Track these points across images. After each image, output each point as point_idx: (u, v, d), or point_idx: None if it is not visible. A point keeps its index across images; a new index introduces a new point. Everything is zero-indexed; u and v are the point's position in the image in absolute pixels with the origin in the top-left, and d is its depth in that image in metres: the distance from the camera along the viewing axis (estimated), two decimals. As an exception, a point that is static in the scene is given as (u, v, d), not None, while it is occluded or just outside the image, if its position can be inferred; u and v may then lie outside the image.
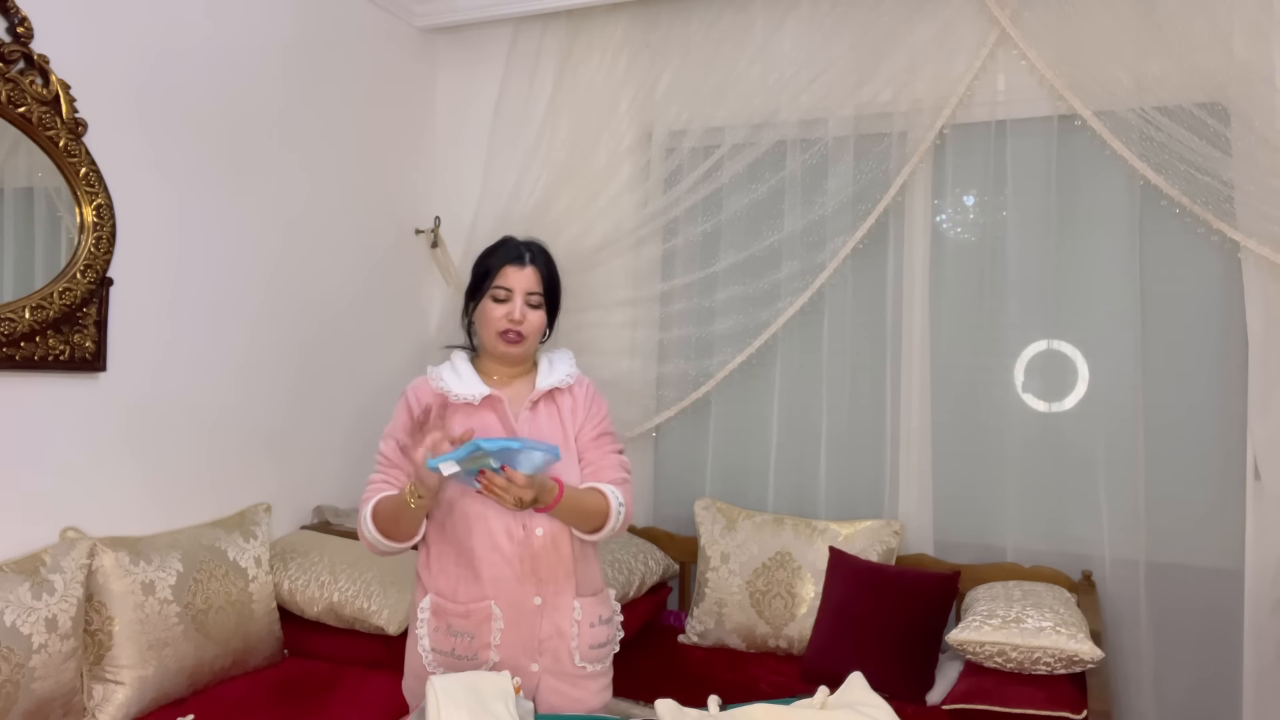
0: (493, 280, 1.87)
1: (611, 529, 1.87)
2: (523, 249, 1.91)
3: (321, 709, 2.37)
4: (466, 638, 1.84)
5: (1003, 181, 3.02)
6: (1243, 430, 2.75)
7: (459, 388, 1.88)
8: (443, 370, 1.94)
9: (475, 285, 1.92)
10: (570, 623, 1.88)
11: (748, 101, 3.22)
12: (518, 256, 1.88)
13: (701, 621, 3.02)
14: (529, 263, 1.89)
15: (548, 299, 1.92)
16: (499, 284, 1.87)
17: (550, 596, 1.86)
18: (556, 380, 1.93)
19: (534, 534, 1.85)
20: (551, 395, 1.94)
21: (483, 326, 1.91)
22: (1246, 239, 2.65)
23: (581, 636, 1.90)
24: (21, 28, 2.26)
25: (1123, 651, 2.84)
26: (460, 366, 1.93)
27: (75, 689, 2.17)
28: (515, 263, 1.88)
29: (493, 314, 1.87)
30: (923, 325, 3.09)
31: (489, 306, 1.88)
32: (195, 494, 2.73)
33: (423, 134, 3.75)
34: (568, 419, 1.94)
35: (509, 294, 1.87)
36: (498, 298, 1.87)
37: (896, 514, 3.12)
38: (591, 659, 1.91)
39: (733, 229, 3.30)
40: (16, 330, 2.23)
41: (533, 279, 1.88)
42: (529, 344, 1.91)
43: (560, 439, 1.91)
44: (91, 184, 2.41)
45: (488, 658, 1.84)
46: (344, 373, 3.33)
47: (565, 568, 1.88)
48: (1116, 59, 2.79)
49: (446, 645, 1.86)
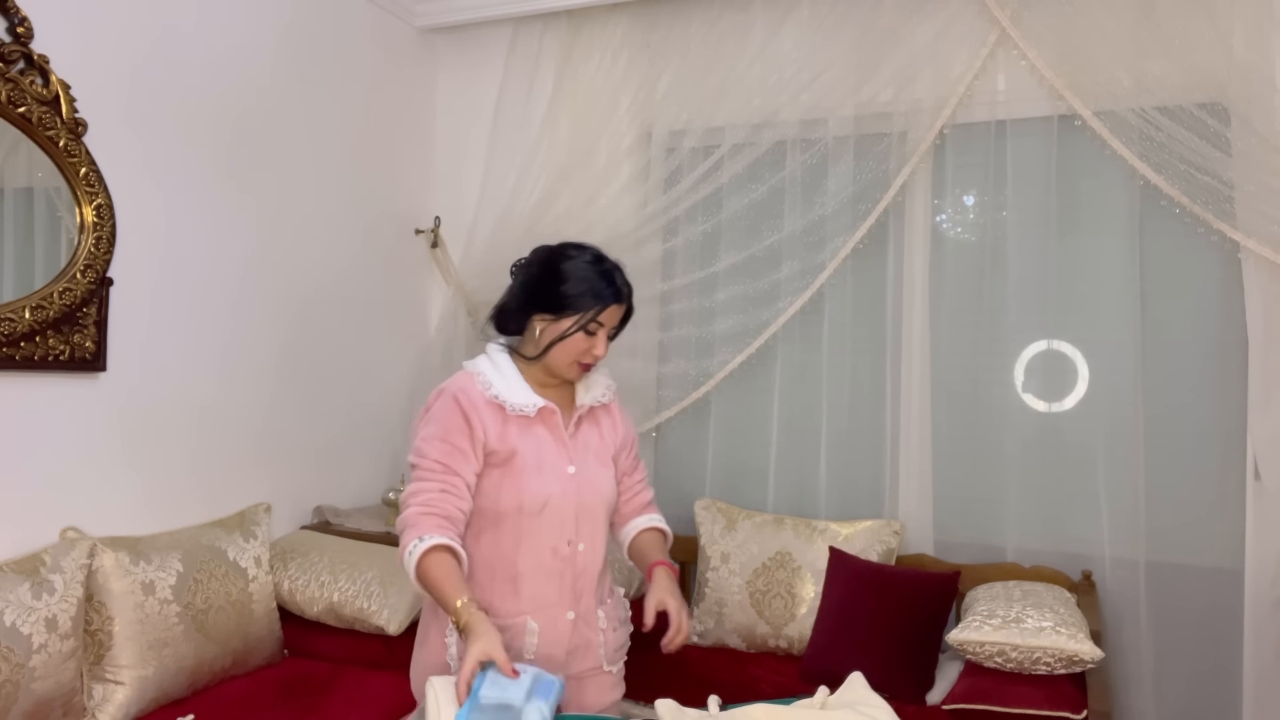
0: (591, 314, 1.78)
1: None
2: (623, 287, 1.84)
3: (321, 709, 2.37)
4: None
5: (1003, 181, 3.02)
6: (1243, 430, 2.75)
7: (512, 397, 1.82)
8: (488, 373, 1.85)
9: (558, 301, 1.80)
10: (596, 631, 1.89)
11: (748, 101, 3.22)
12: (620, 295, 1.83)
13: (701, 621, 3.02)
14: (626, 298, 1.85)
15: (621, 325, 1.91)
16: (600, 320, 1.80)
17: (583, 611, 1.87)
18: (598, 396, 1.93)
19: (577, 550, 1.85)
20: (594, 410, 1.94)
21: (560, 351, 1.81)
22: (1246, 239, 2.65)
23: (607, 643, 1.91)
24: (21, 28, 2.26)
25: (1123, 651, 2.84)
26: (506, 371, 1.85)
27: (75, 689, 2.17)
28: (618, 301, 1.82)
29: (577, 345, 1.80)
30: (923, 325, 3.09)
31: (578, 337, 1.79)
32: (195, 494, 2.73)
33: (423, 134, 3.75)
34: (608, 435, 1.95)
35: (599, 329, 1.81)
36: (591, 331, 1.80)
37: (896, 514, 3.12)
38: (614, 660, 1.94)
39: (733, 229, 3.30)
40: (16, 330, 2.23)
41: (618, 315, 1.85)
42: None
43: (600, 453, 1.92)
44: (91, 184, 2.40)
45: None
46: (344, 372, 3.33)
47: (596, 581, 1.90)
48: (1116, 59, 2.79)
49: None
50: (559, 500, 1.81)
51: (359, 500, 3.40)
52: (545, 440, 1.84)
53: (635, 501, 2.02)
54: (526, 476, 1.80)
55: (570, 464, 1.85)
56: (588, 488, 1.86)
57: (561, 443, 1.85)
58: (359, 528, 3.11)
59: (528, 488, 1.79)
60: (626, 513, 2.02)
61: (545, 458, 1.82)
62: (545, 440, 1.84)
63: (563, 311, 1.79)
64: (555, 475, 1.82)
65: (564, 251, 1.85)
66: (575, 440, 1.88)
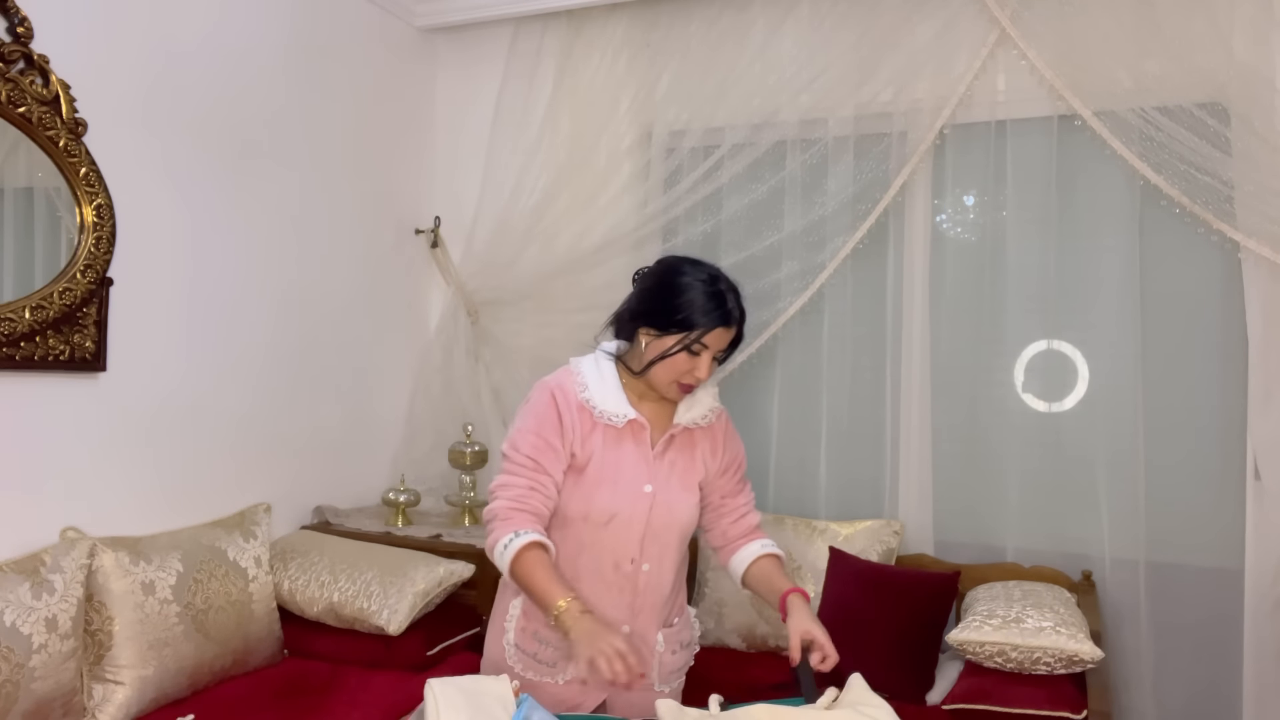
0: (697, 335, 1.72)
1: None
2: (734, 311, 1.75)
3: (321, 709, 2.37)
4: (551, 647, 1.84)
5: (1003, 181, 3.02)
6: (1243, 430, 2.74)
7: (604, 404, 1.79)
8: (587, 374, 1.82)
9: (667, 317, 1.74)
10: (652, 652, 1.89)
11: (748, 101, 3.22)
12: (729, 318, 1.74)
13: (702, 621, 3.01)
14: (735, 322, 1.75)
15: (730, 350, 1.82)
16: (705, 342, 1.73)
17: (639, 628, 1.86)
18: (696, 417, 1.86)
19: (641, 569, 1.83)
20: (690, 431, 1.88)
21: (663, 368, 1.76)
22: (1246, 239, 2.65)
23: (662, 665, 1.90)
24: (21, 28, 2.26)
25: (1123, 651, 2.84)
26: (607, 376, 1.82)
27: (75, 689, 2.17)
28: (727, 325, 1.74)
29: (680, 364, 1.74)
30: (923, 325, 3.09)
31: (680, 356, 1.73)
32: (195, 494, 2.73)
33: (423, 134, 3.75)
34: (702, 459, 1.89)
35: (704, 349, 1.74)
36: (695, 351, 1.73)
37: (896, 514, 3.12)
38: (668, 680, 1.93)
39: (733, 229, 3.29)
40: (16, 330, 2.23)
41: (728, 339, 1.76)
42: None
43: (686, 477, 1.87)
44: (91, 184, 2.40)
45: (566, 669, 1.84)
46: (344, 372, 3.33)
47: (660, 601, 1.88)
48: (1116, 59, 2.79)
49: (531, 648, 1.86)
50: (627, 516, 1.79)
51: (359, 500, 3.40)
52: (628, 453, 1.81)
53: (742, 524, 1.96)
54: (599, 487, 1.79)
55: (648, 483, 1.81)
56: (662, 509, 1.82)
57: (644, 459, 1.82)
58: (359, 528, 3.11)
59: (597, 498, 1.78)
60: (733, 536, 1.96)
61: (623, 471, 1.79)
62: (628, 453, 1.81)
63: (668, 329, 1.74)
64: (629, 491, 1.79)
65: (680, 267, 1.79)
66: (661, 459, 1.84)
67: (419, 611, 2.64)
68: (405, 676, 2.54)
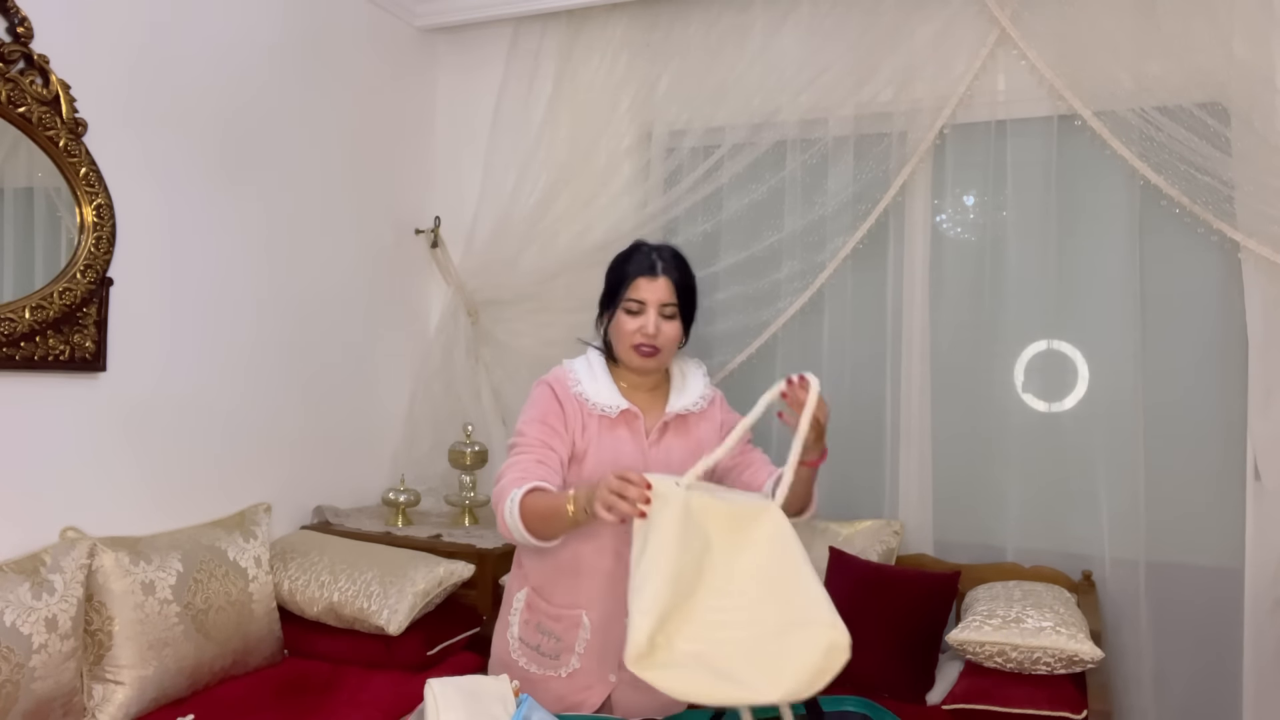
0: (625, 292, 1.83)
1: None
2: (655, 258, 1.85)
3: (321, 709, 2.37)
4: (553, 639, 1.86)
5: (1003, 181, 3.02)
6: (1243, 430, 2.74)
7: (596, 396, 1.85)
8: (579, 370, 1.89)
9: (609, 295, 1.88)
10: None
11: (748, 101, 3.22)
12: (650, 267, 1.83)
13: (701, 621, 3.02)
14: (661, 273, 1.83)
15: (683, 308, 1.87)
16: (631, 296, 1.83)
17: None
18: (688, 403, 1.90)
19: None
20: (684, 418, 1.91)
21: (616, 339, 1.86)
22: (1246, 239, 2.65)
23: None
24: (21, 28, 2.26)
25: (1123, 651, 2.84)
26: (598, 370, 1.89)
27: (75, 689, 2.17)
28: (648, 274, 1.83)
29: (626, 327, 1.83)
30: (923, 325, 3.09)
31: (622, 319, 1.84)
32: (195, 494, 2.73)
33: (423, 134, 3.75)
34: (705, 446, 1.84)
35: (642, 306, 1.82)
36: (630, 310, 1.83)
37: (896, 514, 3.12)
38: None
39: (733, 229, 3.29)
40: (16, 330, 2.23)
41: (666, 290, 1.83)
42: (664, 356, 1.87)
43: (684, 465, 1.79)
44: (91, 184, 2.41)
45: (569, 662, 1.84)
46: (344, 372, 3.33)
47: None
48: (1116, 59, 2.79)
49: (534, 640, 1.88)
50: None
51: (359, 500, 3.40)
52: (624, 443, 1.84)
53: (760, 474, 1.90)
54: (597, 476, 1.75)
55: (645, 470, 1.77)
56: None
57: (640, 448, 1.85)
58: (359, 528, 3.11)
59: None
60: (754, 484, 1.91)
61: (620, 459, 1.81)
62: (624, 443, 1.84)
63: (610, 303, 1.88)
64: None
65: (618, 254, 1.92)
66: (657, 447, 1.87)
67: (419, 611, 2.64)
68: (405, 676, 2.54)
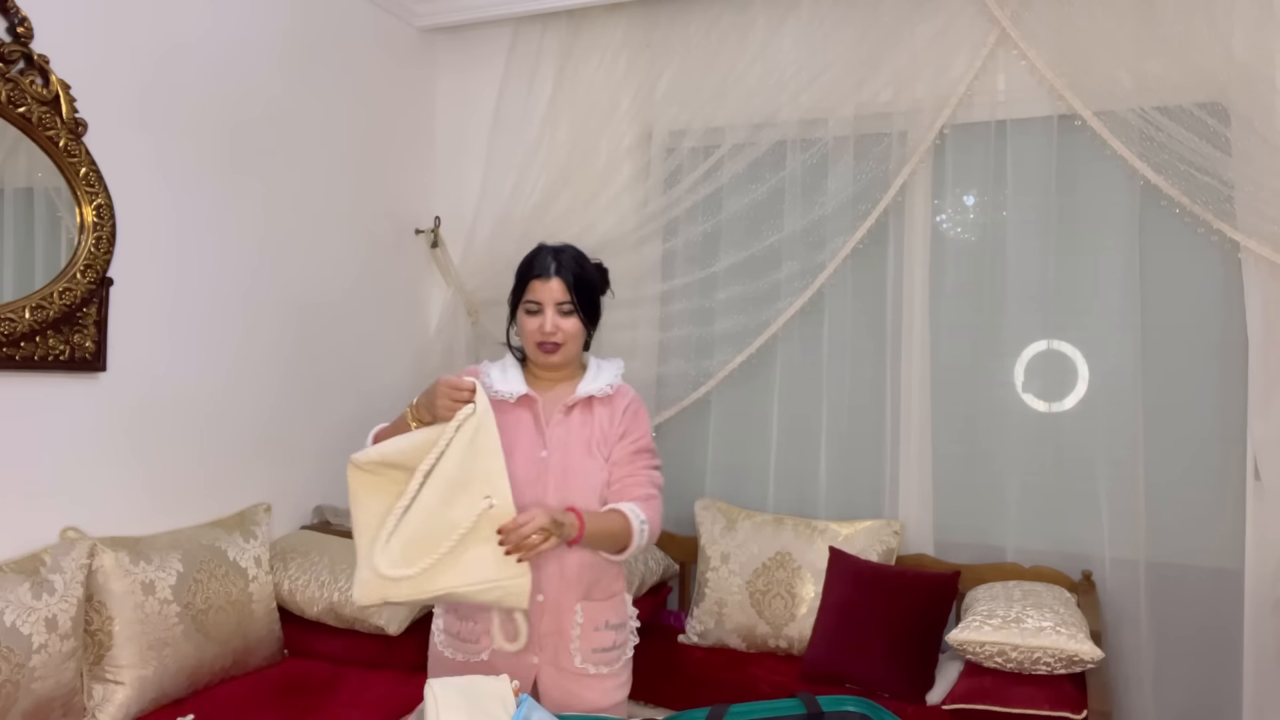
0: (524, 295, 1.95)
1: (636, 548, 1.88)
2: (549, 260, 1.94)
3: (321, 709, 2.37)
4: (470, 623, 1.91)
5: (1003, 181, 3.02)
6: (1243, 430, 2.75)
7: (500, 385, 1.96)
8: (492, 366, 2.03)
9: (512, 294, 2.00)
10: (571, 624, 1.90)
11: (748, 101, 3.22)
12: (543, 269, 1.93)
13: (701, 621, 3.02)
14: (554, 274, 1.92)
15: (583, 304, 1.94)
16: (529, 298, 1.94)
17: (552, 595, 1.88)
18: (595, 389, 1.97)
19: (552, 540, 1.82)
20: (589, 402, 1.98)
21: (522, 339, 1.99)
22: (1246, 239, 2.65)
23: (584, 639, 1.90)
24: (21, 28, 2.26)
25: (1123, 651, 2.84)
26: (509, 367, 2.02)
27: (75, 689, 2.17)
28: (541, 276, 1.93)
29: (527, 326, 1.95)
30: (923, 325, 3.09)
31: (524, 320, 1.96)
32: (195, 494, 2.73)
33: (423, 134, 3.75)
34: (601, 427, 1.96)
35: (539, 306, 1.93)
36: (530, 310, 1.94)
37: (896, 514, 3.12)
38: (595, 661, 1.92)
39: (733, 229, 3.30)
40: (16, 330, 2.23)
41: (559, 290, 1.92)
42: (567, 351, 1.95)
43: (589, 443, 1.94)
44: (91, 184, 2.40)
45: (488, 644, 1.88)
46: (344, 372, 3.33)
47: (576, 571, 1.89)
48: (1116, 59, 2.79)
49: (455, 628, 1.94)
50: (526, 483, 1.84)
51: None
52: (524, 425, 1.94)
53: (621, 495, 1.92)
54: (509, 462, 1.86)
55: (543, 449, 1.91)
56: (559, 474, 1.89)
57: (538, 429, 1.93)
58: (359, 528, 3.11)
59: None
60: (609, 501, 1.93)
61: (519, 441, 1.90)
62: (524, 425, 1.94)
63: (512, 304, 2.01)
64: (526, 459, 1.88)
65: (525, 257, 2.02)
66: (560, 427, 1.94)
67: (419, 612, 2.64)
68: (405, 676, 2.54)
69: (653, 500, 1.94)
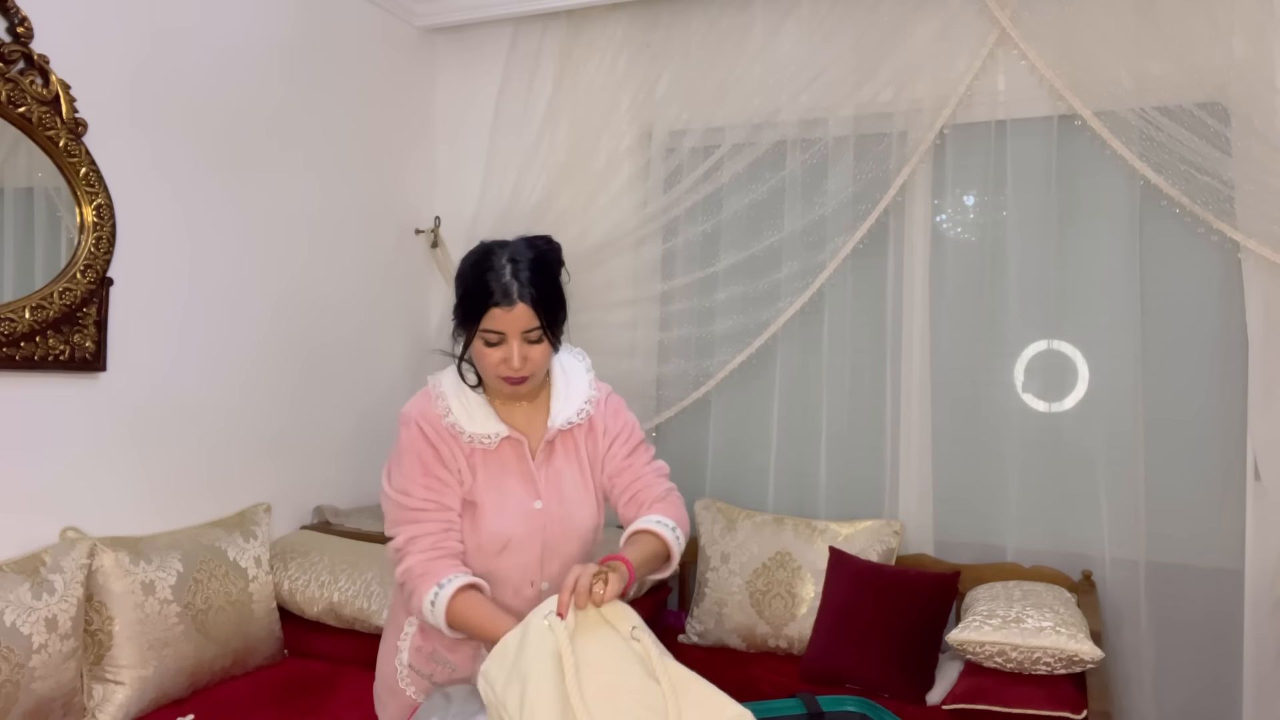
0: (481, 322, 1.56)
1: (678, 558, 1.68)
2: (508, 280, 1.55)
3: (321, 709, 2.37)
4: (448, 668, 1.74)
5: (1003, 181, 3.02)
6: (1243, 430, 2.75)
7: (471, 426, 1.65)
8: (448, 394, 1.68)
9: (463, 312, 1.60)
10: None
11: (748, 101, 3.22)
12: (504, 295, 1.54)
13: (701, 621, 3.02)
14: (518, 299, 1.54)
15: (551, 321, 1.61)
16: (488, 327, 1.56)
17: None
18: (571, 414, 1.71)
19: (541, 590, 1.71)
20: (568, 432, 1.74)
21: (480, 367, 1.63)
22: (1246, 239, 2.65)
23: None
24: (21, 28, 2.26)
25: (1123, 651, 2.84)
26: (468, 398, 1.68)
27: (75, 689, 2.17)
28: (503, 304, 1.54)
29: (488, 359, 1.59)
30: (923, 325, 3.09)
31: (482, 349, 1.59)
32: (195, 494, 2.73)
33: (423, 134, 3.75)
34: (586, 450, 1.75)
35: (501, 337, 1.57)
36: (489, 341, 1.57)
37: (896, 514, 3.12)
38: None
39: (733, 229, 3.30)
40: (16, 330, 2.23)
41: (526, 316, 1.56)
42: (536, 378, 1.65)
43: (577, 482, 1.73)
44: (91, 184, 2.41)
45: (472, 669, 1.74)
46: (344, 372, 3.34)
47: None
48: (1116, 59, 2.79)
49: (426, 669, 1.75)
50: (522, 540, 1.66)
51: (359, 500, 3.40)
52: (509, 472, 1.67)
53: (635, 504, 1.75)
54: (485, 515, 1.65)
55: (536, 499, 1.68)
56: (556, 524, 1.69)
57: (528, 476, 1.68)
58: (359, 528, 3.11)
59: (486, 527, 1.65)
60: (627, 517, 1.75)
61: (508, 493, 1.66)
62: (509, 472, 1.67)
63: (462, 325, 1.61)
64: (518, 513, 1.66)
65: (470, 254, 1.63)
66: (546, 469, 1.70)
67: (419, 611, 2.64)
68: (405, 676, 2.54)
69: (672, 495, 1.76)
